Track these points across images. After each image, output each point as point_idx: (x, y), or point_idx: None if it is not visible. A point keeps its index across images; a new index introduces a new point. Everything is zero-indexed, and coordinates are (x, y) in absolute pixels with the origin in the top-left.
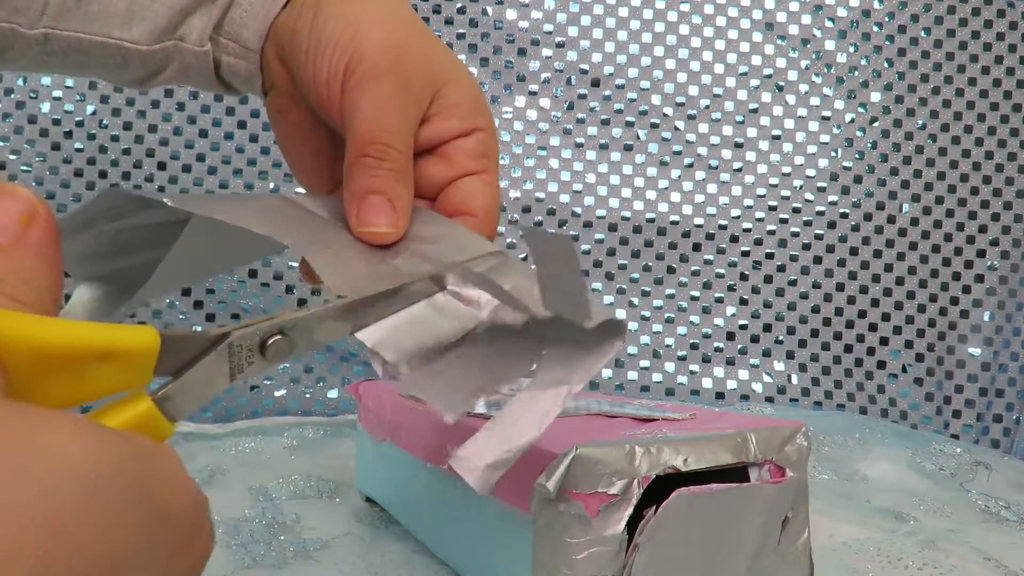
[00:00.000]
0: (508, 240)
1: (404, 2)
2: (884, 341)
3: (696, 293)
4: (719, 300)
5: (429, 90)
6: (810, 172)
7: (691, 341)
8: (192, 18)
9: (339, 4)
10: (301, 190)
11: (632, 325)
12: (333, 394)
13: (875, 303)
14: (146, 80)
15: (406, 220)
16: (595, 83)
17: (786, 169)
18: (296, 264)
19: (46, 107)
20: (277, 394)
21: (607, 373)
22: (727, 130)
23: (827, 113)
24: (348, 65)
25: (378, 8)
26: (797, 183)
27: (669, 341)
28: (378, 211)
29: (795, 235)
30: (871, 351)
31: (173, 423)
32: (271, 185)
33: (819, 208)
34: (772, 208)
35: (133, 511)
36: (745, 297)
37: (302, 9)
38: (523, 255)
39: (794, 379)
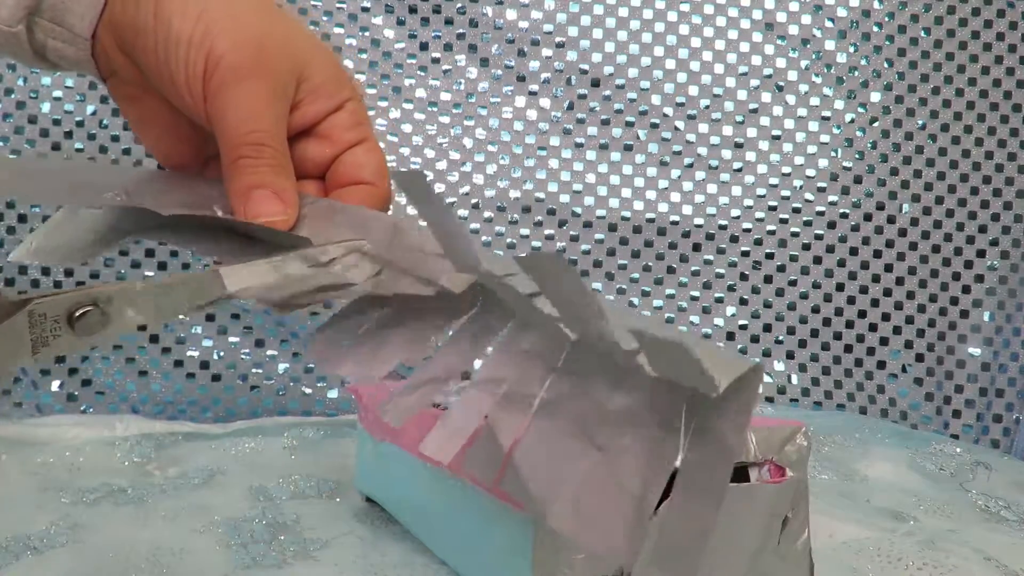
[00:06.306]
0: (508, 240)
1: None
2: (884, 341)
3: (696, 293)
4: (719, 300)
5: (293, 78)
6: (810, 172)
7: None
8: None
9: None
10: None
11: None
12: (333, 394)
13: (875, 303)
14: None
15: (295, 208)
16: (595, 83)
17: (786, 169)
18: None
19: (46, 107)
20: (277, 394)
21: None
22: (727, 130)
23: (827, 113)
24: (206, 67)
25: None
26: (797, 183)
27: None
28: (265, 203)
29: (795, 235)
30: (871, 351)
31: None
32: None
33: (819, 208)
34: (772, 208)
35: None
36: (745, 297)
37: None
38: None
39: (794, 379)
